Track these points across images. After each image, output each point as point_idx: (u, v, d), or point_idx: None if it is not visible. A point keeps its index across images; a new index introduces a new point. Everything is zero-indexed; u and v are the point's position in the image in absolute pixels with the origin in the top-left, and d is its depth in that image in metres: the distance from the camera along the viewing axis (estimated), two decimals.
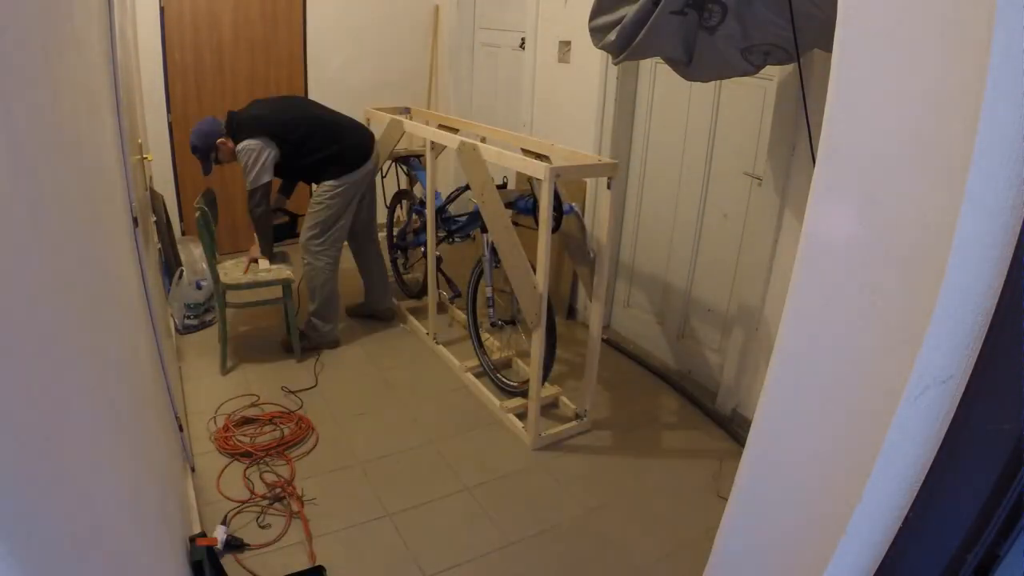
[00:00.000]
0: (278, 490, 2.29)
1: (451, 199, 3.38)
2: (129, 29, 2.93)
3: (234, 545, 2.04)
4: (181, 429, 2.26)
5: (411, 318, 3.63)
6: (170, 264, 3.57)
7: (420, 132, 3.16)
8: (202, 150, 3.02)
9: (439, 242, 3.33)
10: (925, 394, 0.77)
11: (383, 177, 3.78)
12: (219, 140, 3.02)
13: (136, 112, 2.96)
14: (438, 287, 3.48)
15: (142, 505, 1.17)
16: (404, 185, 3.93)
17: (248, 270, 3.11)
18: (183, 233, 4.32)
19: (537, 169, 2.29)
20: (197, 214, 2.90)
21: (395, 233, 3.95)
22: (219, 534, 2.02)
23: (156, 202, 3.45)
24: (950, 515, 0.83)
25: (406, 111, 3.77)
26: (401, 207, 3.96)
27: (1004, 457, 0.76)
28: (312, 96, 4.50)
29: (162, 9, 3.87)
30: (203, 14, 4.01)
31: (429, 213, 3.16)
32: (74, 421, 0.78)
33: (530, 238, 2.43)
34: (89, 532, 0.76)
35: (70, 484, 0.72)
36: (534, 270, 2.41)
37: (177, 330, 3.42)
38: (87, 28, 1.28)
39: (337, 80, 4.56)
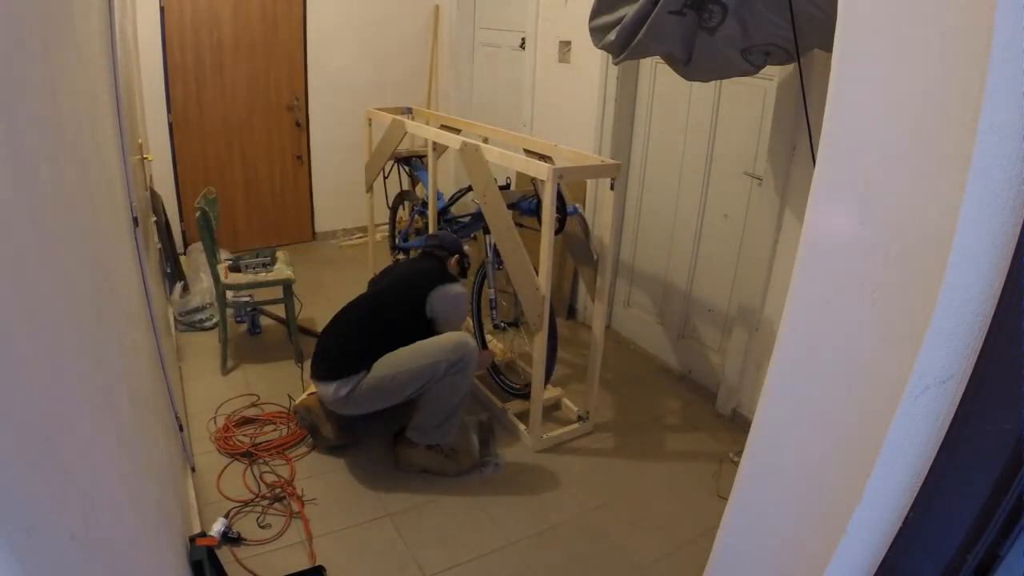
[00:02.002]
0: (278, 490, 2.29)
1: (454, 200, 3.38)
2: (129, 29, 2.93)
3: (232, 538, 2.06)
4: (181, 429, 2.26)
5: None
6: (168, 259, 3.57)
7: (422, 132, 3.16)
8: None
9: None
10: (925, 394, 0.77)
11: (385, 177, 3.78)
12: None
13: (136, 112, 2.96)
14: None
15: (142, 505, 1.17)
16: (406, 186, 3.93)
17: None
18: (184, 234, 4.32)
19: (540, 170, 2.29)
20: (197, 214, 2.90)
21: (397, 234, 3.95)
22: (218, 526, 2.03)
23: (156, 202, 3.45)
24: (950, 515, 0.83)
25: (408, 111, 3.77)
26: (403, 208, 3.96)
27: (1004, 457, 0.76)
28: (312, 96, 4.51)
29: (162, 9, 3.87)
30: (203, 14, 4.01)
31: (431, 214, 3.16)
32: (74, 421, 0.78)
33: (533, 239, 2.43)
34: (89, 532, 0.76)
35: (70, 484, 0.73)
36: (536, 272, 2.40)
37: (178, 329, 3.42)
38: (87, 28, 1.28)
39: (337, 80, 4.56)
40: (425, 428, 2.42)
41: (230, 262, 3.11)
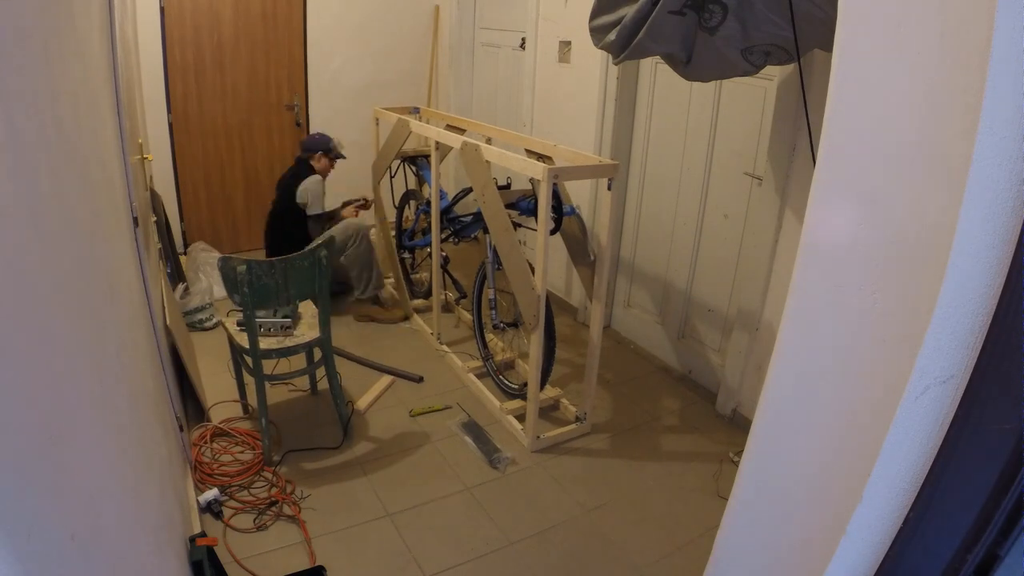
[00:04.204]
0: (272, 498, 2.25)
1: (457, 200, 3.38)
2: (129, 29, 2.93)
3: (215, 512, 2.13)
4: (181, 429, 2.26)
5: (417, 318, 3.63)
6: (168, 259, 3.57)
7: (424, 132, 3.16)
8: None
9: (442, 241, 3.32)
10: (926, 394, 0.77)
11: (392, 177, 3.78)
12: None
13: (136, 112, 2.96)
14: (444, 288, 3.47)
15: (142, 505, 1.17)
16: (412, 185, 3.93)
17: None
18: (184, 234, 4.31)
19: (536, 170, 2.29)
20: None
21: (403, 233, 3.95)
22: (210, 494, 2.10)
23: (156, 202, 3.45)
24: (950, 515, 0.83)
25: (416, 111, 3.77)
26: (409, 207, 3.96)
27: (1004, 457, 0.76)
28: (312, 96, 4.51)
29: (162, 9, 3.87)
30: (203, 14, 4.01)
31: (434, 213, 3.16)
32: (74, 421, 0.78)
33: (533, 239, 2.43)
34: (89, 532, 0.76)
35: (70, 484, 0.73)
36: (533, 271, 2.40)
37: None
38: (87, 28, 1.28)
39: (337, 80, 4.56)
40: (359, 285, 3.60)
41: (237, 320, 2.56)
